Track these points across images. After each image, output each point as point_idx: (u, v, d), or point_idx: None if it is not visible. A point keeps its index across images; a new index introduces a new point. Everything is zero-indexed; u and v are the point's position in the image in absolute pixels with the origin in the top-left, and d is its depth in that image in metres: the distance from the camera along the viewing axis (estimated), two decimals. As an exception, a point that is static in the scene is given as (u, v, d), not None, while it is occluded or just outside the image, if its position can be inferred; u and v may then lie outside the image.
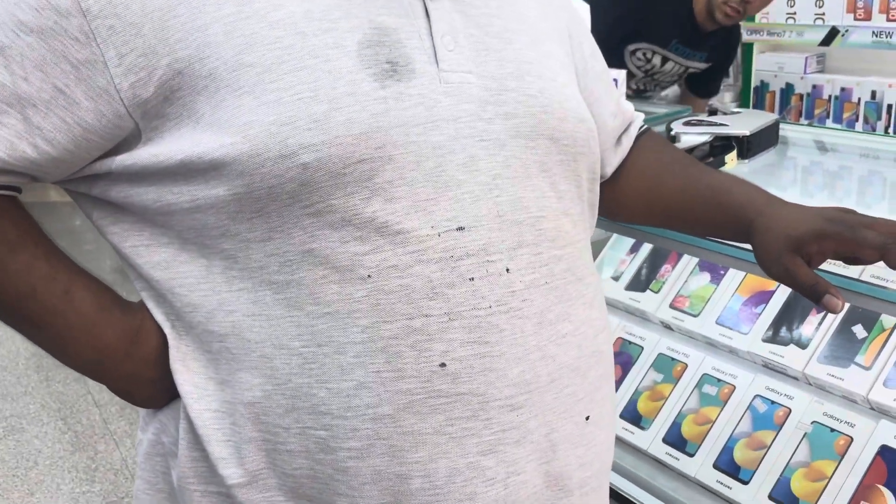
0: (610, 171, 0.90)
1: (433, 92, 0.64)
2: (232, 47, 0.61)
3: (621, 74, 1.36)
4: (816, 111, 2.52)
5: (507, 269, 0.64)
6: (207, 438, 0.67)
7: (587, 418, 0.70)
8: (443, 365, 0.62)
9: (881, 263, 0.70)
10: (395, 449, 0.63)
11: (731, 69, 2.83)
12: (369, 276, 0.62)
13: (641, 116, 0.93)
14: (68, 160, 0.65)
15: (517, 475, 0.65)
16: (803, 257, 0.73)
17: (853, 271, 1.08)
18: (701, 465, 1.15)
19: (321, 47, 0.62)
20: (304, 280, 0.63)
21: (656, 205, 0.90)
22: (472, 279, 0.63)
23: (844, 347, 1.12)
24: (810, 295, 0.73)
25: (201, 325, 0.67)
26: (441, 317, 0.62)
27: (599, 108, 0.84)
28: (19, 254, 0.66)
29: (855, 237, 0.71)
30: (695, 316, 1.31)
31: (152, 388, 0.72)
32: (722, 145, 1.25)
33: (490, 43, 0.69)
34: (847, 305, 1.14)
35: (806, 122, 2.49)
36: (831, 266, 0.79)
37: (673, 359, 1.29)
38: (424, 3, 0.67)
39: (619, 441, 1.27)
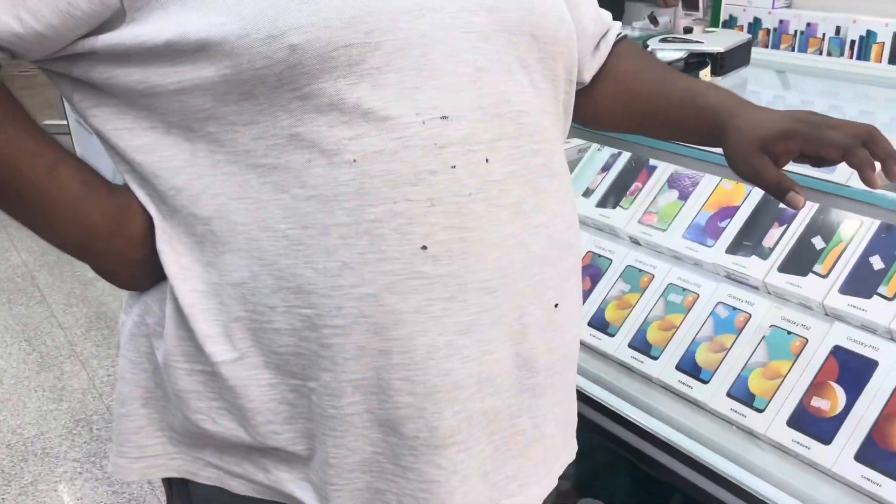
0: (588, 76, 0.92)
1: None
2: None
3: None
4: (783, 46, 2.56)
5: (487, 160, 0.66)
6: (194, 318, 0.69)
7: (556, 306, 0.74)
8: (424, 248, 0.65)
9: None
10: (377, 326, 0.65)
11: (700, 2, 2.84)
12: (355, 160, 0.63)
13: (619, 25, 0.95)
14: (52, 36, 0.64)
15: (490, 354, 0.69)
16: (771, 157, 0.78)
17: (817, 172, 1.13)
18: (664, 368, 1.21)
19: None
20: (291, 163, 0.64)
21: (634, 108, 0.93)
22: (454, 167, 0.65)
23: (803, 257, 1.17)
24: (775, 192, 0.78)
25: (186, 208, 0.68)
26: (424, 202, 0.64)
27: (579, 12, 0.86)
28: (2, 129, 0.65)
29: (820, 136, 0.75)
30: (663, 231, 1.36)
31: (138, 269, 0.73)
32: (697, 62, 1.27)
33: None
34: (813, 207, 1.20)
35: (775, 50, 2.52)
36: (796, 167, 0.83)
37: (640, 270, 1.34)
38: None
39: (587, 347, 1.33)
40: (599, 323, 1.33)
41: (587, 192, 1.51)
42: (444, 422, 0.68)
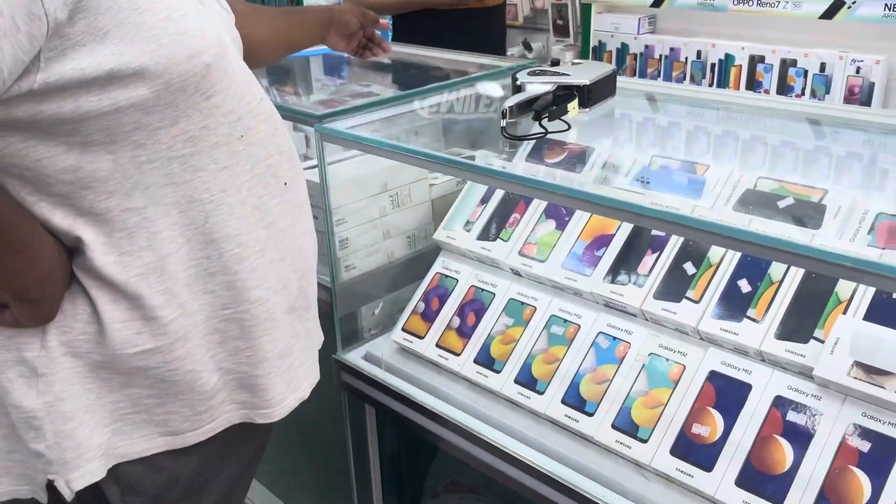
0: None
1: (215, 14, 0.93)
2: None
3: None
4: (649, 70, 2.67)
5: (277, 129, 0.95)
6: (140, 294, 0.84)
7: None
8: (286, 184, 0.94)
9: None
10: (276, 243, 0.92)
11: (571, 29, 2.93)
12: (241, 136, 0.88)
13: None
14: (7, 81, 0.71)
15: (315, 251, 1.02)
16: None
17: (688, 210, 1.15)
18: (550, 402, 1.20)
19: None
20: (204, 149, 0.85)
21: (270, 47, 1.33)
22: (277, 130, 0.94)
23: (676, 284, 1.20)
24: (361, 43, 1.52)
25: (119, 206, 0.82)
26: (277, 154, 0.93)
27: None
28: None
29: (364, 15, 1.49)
30: (542, 262, 1.36)
31: (62, 294, 0.84)
32: (564, 94, 1.28)
33: None
34: (680, 242, 1.23)
35: (639, 79, 2.62)
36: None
37: (523, 303, 1.34)
38: None
39: (473, 385, 1.31)
40: (486, 360, 1.31)
41: (467, 225, 1.50)
42: (309, 290, 1.00)
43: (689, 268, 1.20)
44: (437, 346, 1.38)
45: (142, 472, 0.91)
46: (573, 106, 1.28)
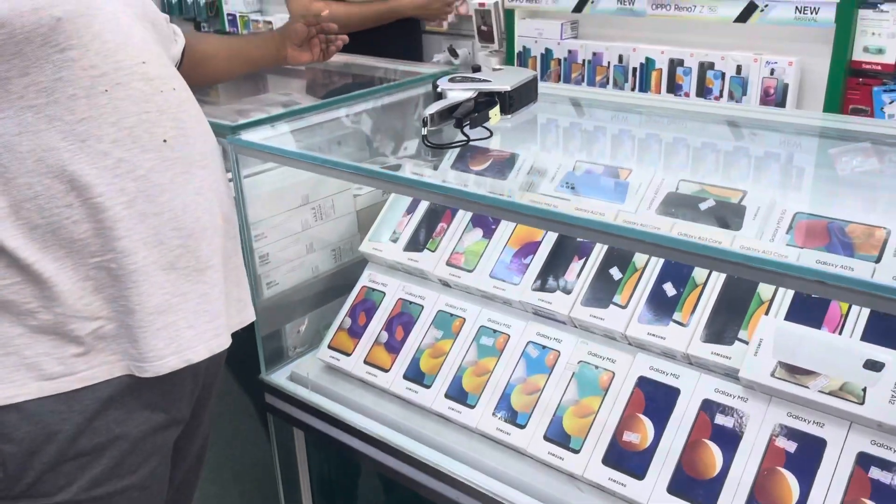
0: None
1: None
2: None
3: None
4: (573, 75, 2.68)
5: (174, 88, 1.00)
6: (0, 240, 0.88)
7: (226, 183, 1.09)
8: (165, 141, 0.96)
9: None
10: (150, 197, 0.94)
11: (495, 35, 2.93)
12: (106, 90, 0.92)
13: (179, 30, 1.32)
14: None
15: (213, 208, 1.02)
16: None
17: (610, 216, 1.14)
18: (482, 416, 1.17)
19: None
20: (60, 99, 0.89)
21: (221, 60, 1.44)
22: (162, 91, 0.98)
23: (603, 290, 1.19)
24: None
25: None
26: (155, 112, 0.96)
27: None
28: None
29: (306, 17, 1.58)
30: (470, 271, 1.33)
31: None
32: (486, 101, 1.26)
33: None
34: (605, 248, 1.22)
35: (564, 84, 2.64)
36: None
37: (451, 314, 1.31)
38: None
39: (403, 402, 1.27)
40: (415, 374, 1.27)
41: (394, 236, 1.46)
42: (202, 252, 0.99)
43: (616, 273, 1.20)
44: (366, 362, 1.34)
45: (16, 421, 0.90)
46: (495, 112, 1.26)
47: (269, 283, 1.43)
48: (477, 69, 1.37)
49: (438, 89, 1.29)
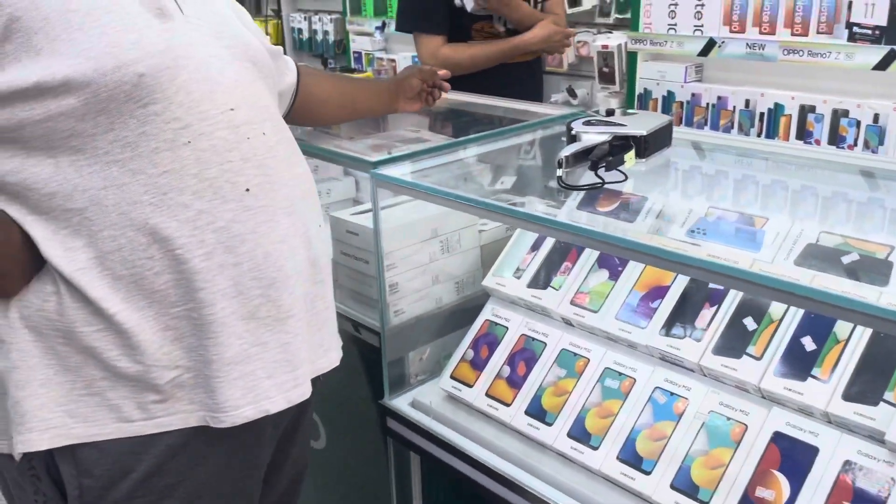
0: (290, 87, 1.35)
1: (186, 27, 0.96)
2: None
3: None
4: (696, 118, 2.65)
5: (264, 133, 1.00)
6: (85, 288, 0.90)
7: (319, 226, 1.10)
8: (248, 190, 0.96)
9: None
10: (229, 248, 0.95)
11: (616, 76, 2.93)
12: (189, 142, 0.92)
13: (292, 63, 1.37)
14: None
15: (297, 255, 1.02)
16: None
17: (745, 264, 1.13)
18: (605, 458, 1.17)
19: None
20: (143, 153, 0.90)
21: (333, 106, 1.48)
22: (249, 138, 0.97)
23: (736, 339, 1.17)
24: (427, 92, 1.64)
25: (60, 206, 0.89)
26: (239, 161, 0.96)
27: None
28: None
29: (417, 72, 1.63)
30: (595, 312, 1.33)
31: (19, 272, 0.91)
32: (620, 145, 1.28)
33: (198, 2, 1.01)
34: (739, 296, 1.20)
35: (687, 128, 2.61)
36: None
37: (575, 354, 1.31)
38: None
39: (525, 438, 1.28)
40: (537, 412, 1.28)
41: (517, 272, 1.48)
42: (283, 301, 0.99)
43: (750, 323, 1.17)
44: (487, 395, 1.36)
45: (96, 457, 0.94)
46: (630, 156, 1.27)
47: (396, 312, 1.48)
48: (611, 113, 1.39)
49: (573, 131, 1.32)
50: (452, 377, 1.42)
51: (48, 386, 0.92)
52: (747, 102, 2.50)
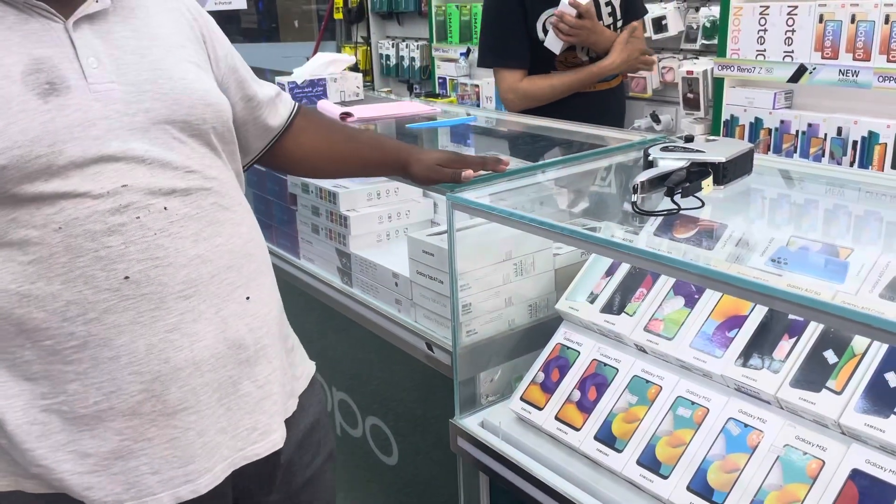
0: (271, 130, 1.24)
1: (86, 100, 0.90)
2: None
3: None
4: (784, 145, 2.58)
5: (165, 208, 0.93)
6: None
7: (247, 298, 1.02)
8: (126, 278, 0.91)
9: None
10: (104, 340, 0.90)
11: (701, 102, 2.89)
12: (60, 228, 0.88)
13: (289, 99, 1.30)
14: None
15: (199, 342, 0.96)
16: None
17: (827, 295, 1.10)
18: (675, 488, 1.15)
19: None
20: (13, 241, 0.87)
21: (332, 155, 1.33)
22: (139, 217, 0.91)
23: (816, 372, 1.13)
24: (452, 178, 1.33)
25: None
26: (119, 246, 0.90)
27: (233, 93, 1.13)
28: None
29: (463, 158, 1.36)
30: (669, 339, 1.32)
31: None
32: (698, 171, 1.27)
33: (128, 59, 0.95)
34: (820, 328, 1.17)
35: (774, 156, 2.55)
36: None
37: (647, 381, 1.30)
38: (69, 35, 0.91)
39: (594, 464, 1.27)
40: (607, 437, 1.27)
41: (591, 297, 1.48)
42: (170, 395, 0.94)
43: (831, 356, 1.14)
44: (557, 418, 1.36)
45: None
46: (707, 183, 1.26)
47: (468, 332, 1.50)
48: (690, 139, 1.38)
49: (650, 157, 1.32)
50: (522, 399, 1.43)
51: None
52: (839, 130, 2.43)
